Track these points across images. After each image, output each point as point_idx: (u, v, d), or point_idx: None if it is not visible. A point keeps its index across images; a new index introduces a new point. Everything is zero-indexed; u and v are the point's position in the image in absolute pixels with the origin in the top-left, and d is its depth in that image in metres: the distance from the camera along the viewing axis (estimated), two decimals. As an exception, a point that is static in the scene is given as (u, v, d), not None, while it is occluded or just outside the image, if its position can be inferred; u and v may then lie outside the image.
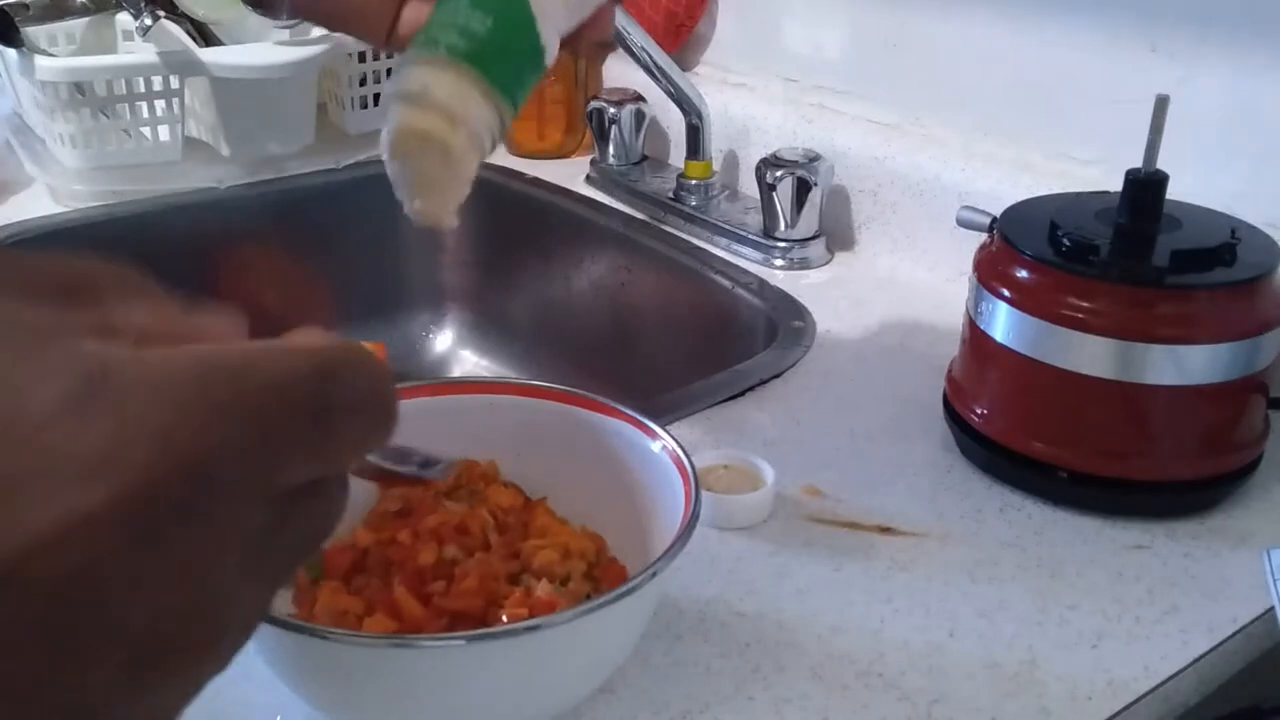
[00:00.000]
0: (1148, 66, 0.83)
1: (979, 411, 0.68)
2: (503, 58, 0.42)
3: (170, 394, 0.21)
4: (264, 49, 1.08)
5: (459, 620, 0.49)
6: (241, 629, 0.24)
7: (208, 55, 1.05)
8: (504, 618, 0.49)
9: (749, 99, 1.10)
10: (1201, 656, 0.55)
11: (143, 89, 1.05)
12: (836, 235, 1.01)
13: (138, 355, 0.22)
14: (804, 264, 0.98)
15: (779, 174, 0.96)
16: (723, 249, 1.01)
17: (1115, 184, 0.66)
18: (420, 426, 0.56)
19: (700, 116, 1.04)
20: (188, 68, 1.05)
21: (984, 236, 0.72)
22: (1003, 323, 0.66)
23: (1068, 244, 0.64)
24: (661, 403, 0.75)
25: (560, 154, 1.22)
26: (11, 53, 1.05)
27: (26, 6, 1.14)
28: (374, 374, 0.27)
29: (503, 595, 0.50)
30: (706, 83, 1.12)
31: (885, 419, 0.75)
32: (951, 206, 0.83)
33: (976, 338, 0.68)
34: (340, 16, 0.49)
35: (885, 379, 0.80)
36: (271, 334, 0.33)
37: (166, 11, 1.10)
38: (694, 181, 1.06)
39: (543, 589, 0.51)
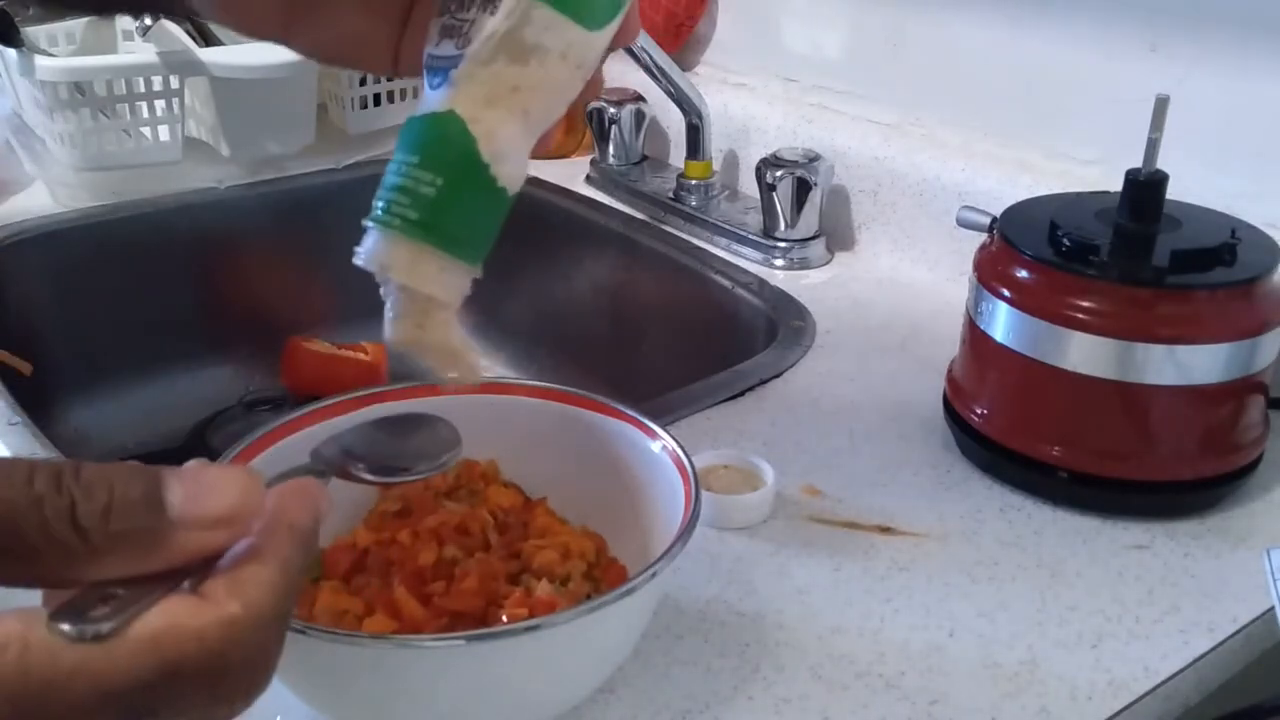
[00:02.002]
0: (1148, 66, 0.83)
1: (979, 411, 0.68)
2: (460, 218, 0.40)
3: None
4: (264, 49, 1.07)
5: (459, 620, 0.49)
6: None
7: (208, 55, 1.05)
8: (504, 618, 0.49)
9: (749, 99, 1.10)
10: (1202, 656, 0.55)
11: (143, 89, 1.05)
12: (836, 235, 1.01)
13: None
14: (804, 264, 0.98)
15: (779, 174, 0.96)
16: (723, 249, 1.01)
17: (1115, 184, 0.66)
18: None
19: (700, 116, 1.04)
20: (188, 68, 1.05)
21: (984, 236, 0.72)
22: (1003, 323, 0.66)
23: (1068, 244, 0.64)
24: (661, 403, 0.75)
25: (560, 154, 1.22)
26: (11, 53, 1.05)
27: (27, 6, 1.13)
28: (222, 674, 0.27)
29: (503, 595, 0.50)
30: (706, 83, 1.12)
31: (885, 419, 0.75)
32: (951, 206, 0.83)
33: (976, 338, 0.68)
34: (343, 56, 0.48)
35: (885, 379, 0.80)
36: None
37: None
38: (694, 181, 1.06)
39: (543, 589, 0.51)
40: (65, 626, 0.26)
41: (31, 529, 0.25)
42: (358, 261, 0.42)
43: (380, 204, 0.41)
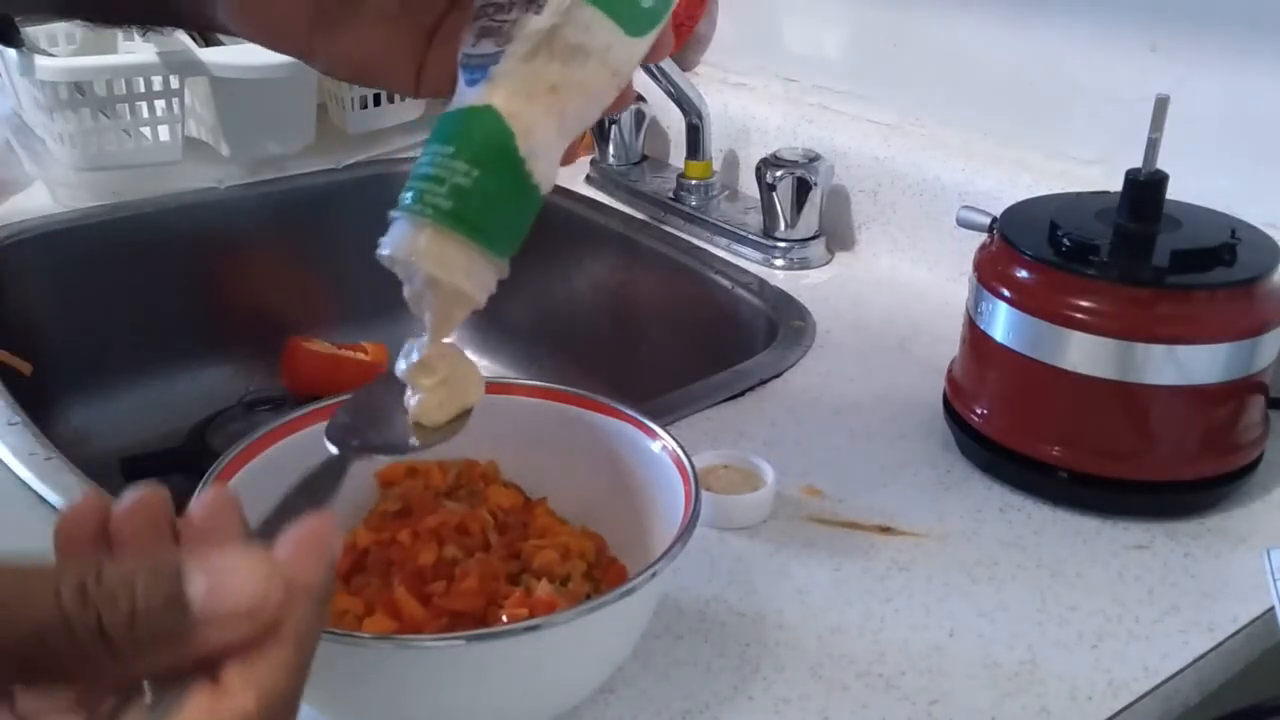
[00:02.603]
0: (1148, 66, 0.83)
1: (979, 411, 0.68)
2: (493, 210, 0.40)
3: None
4: (264, 49, 1.07)
5: (459, 620, 0.49)
6: None
7: (208, 55, 1.05)
8: (504, 618, 0.49)
9: (749, 99, 1.10)
10: (1202, 656, 0.55)
11: (143, 89, 1.05)
12: (836, 235, 1.01)
13: None
14: (804, 264, 0.98)
15: (779, 174, 0.96)
16: (723, 249, 1.01)
17: (1115, 184, 0.66)
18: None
19: (700, 116, 1.04)
20: (188, 68, 1.05)
21: (984, 236, 0.72)
22: (1003, 323, 0.66)
23: (1068, 244, 0.64)
24: (661, 403, 0.75)
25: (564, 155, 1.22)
26: (11, 53, 1.05)
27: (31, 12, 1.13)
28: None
29: (503, 595, 0.50)
30: (706, 83, 1.12)
31: (885, 419, 0.75)
32: (951, 206, 0.83)
33: (976, 338, 0.68)
34: (365, 73, 0.48)
35: (885, 379, 0.80)
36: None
37: (166, 11, 1.10)
38: (694, 181, 1.06)
39: (543, 589, 0.51)
40: None
41: (62, 647, 0.26)
42: (382, 253, 0.41)
43: (410, 193, 0.40)
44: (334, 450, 0.43)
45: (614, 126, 1.13)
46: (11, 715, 0.27)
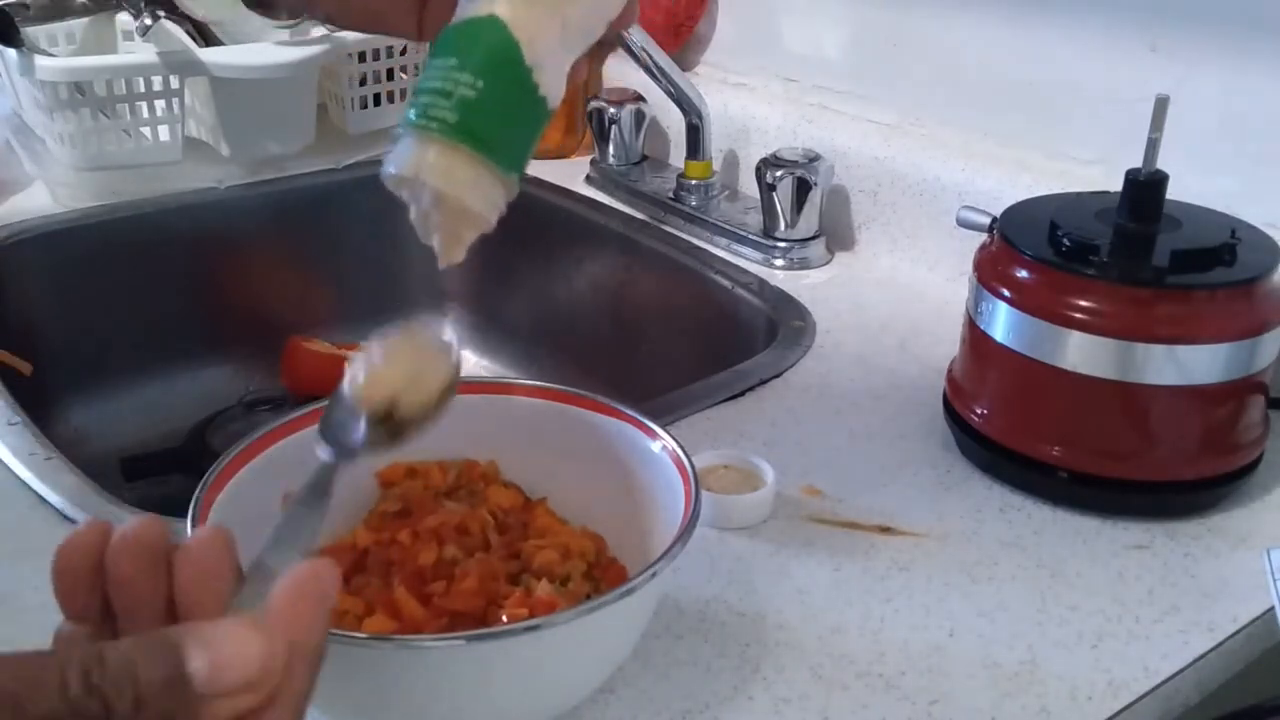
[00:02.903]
0: (1148, 67, 0.83)
1: (979, 411, 0.68)
2: (500, 122, 0.39)
3: None
4: (264, 49, 1.08)
5: (459, 620, 0.49)
6: None
7: (208, 55, 1.05)
8: (504, 618, 0.49)
9: (749, 99, 1.10)
10: (1202, 656, 0.55)
11: (143, 89, 1.05)
12: (836, 235, 1.01)
13: None
14: (804, 264, 0.98)
15: (779, 174, 0.96)
16: (723, 249, 1.01)
17: (1115, 184, 0.66)
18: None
19: (700, 116, 1.04)
20: (188, 68, 1.05)
21: (984, 236, 0.72)
22: (1003, 323, 0.66)
23: (1068, 244, 0.64)
24: (661, 403, 0.75)
25: (560, 154, 1.22)
26: (11, 53, 1.05)
27: (26, 6, 1.13)
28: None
29: (503, 595, 0.50)
30: (706, 83, 1.12)
31: (885, 419, 0.75)
32: (951, 206, 0.83)
33: (976, 338, 0.68)
34: (369, 21, 0.49)
35: (885, 379, 0.80)
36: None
37: (166, 11, 1.10)
38: (694, 181, 1.06)
39: (543, 589, 0.51)
40: None
41: None
42: (388, 170, 0.40)
43: (414, 109, 0.39)
44: (324, 457, 0.42)
45: (614, 126, 1.13)
46: None
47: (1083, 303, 0.63)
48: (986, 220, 0.74)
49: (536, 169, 1.17)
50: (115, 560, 0.32)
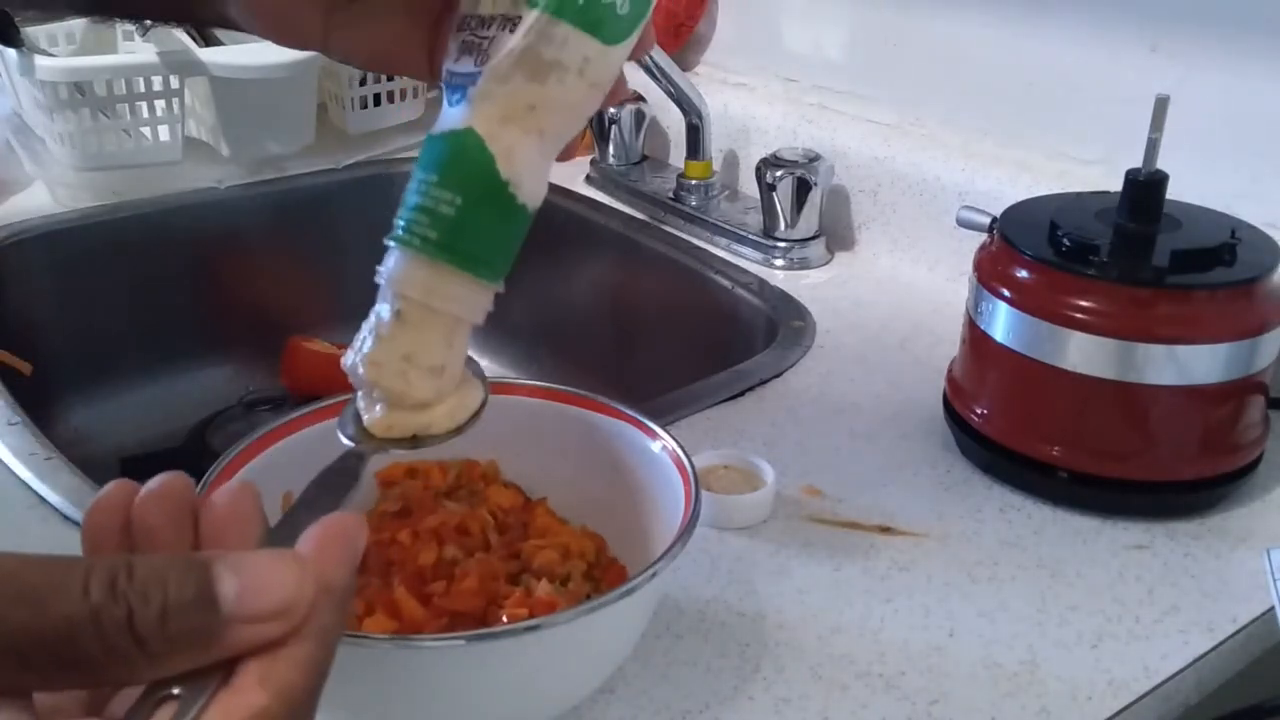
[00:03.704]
0: (1148, 66, 0.83)
1: (979, 411, 0.68)
2: (480, 237, 0.41)
3: None
4: (264, 49, 1.08)
5: (459, 620, 0.49)
6: None
7: (208, 55, 1.05)
8: (504, 618, 0.49)
9: (749, 99, 1.10)
10: (1201, 656, 0.55)
11: (143, 89, 1.05)
12: (836, 235, 1.01)
13: None
14: (804, 264, 0.98)
15: (779, 174, 0.96)
16: (723, 249, 1.01)
17: (1115, 184, 0.66)
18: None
19: (700, 116, 1.04)
20: (188, 68, 1.05)
21: (984, 236, 0.72)
22: (1003, 323, 0.66)
23: (1068, 244, 0.64)
24: (661, 403, 0.75)
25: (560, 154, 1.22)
26: (11, 53, 1.05)
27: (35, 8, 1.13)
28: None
29: (503, 595, 0.50)
30: (706, 83, 1.12)
31: (885, 419, 0.75)
32: (951, 206, 0.83)
33: (976, 338, 0.68)
34: (381, 61, 0.49)
35: (885, 379, 0.80)
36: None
37: (166, 11, 1.10)
38: (694, 181, 1.06)
39: (543, 589, 0.51)
40: None
41: (91, 642, 0.25)
42: (379, 281, 0.42)
43: (401, 223, 0.41)
44: (348, 443, 0.42)
45: (614, 126, 1.13)
46: (32, 716, 0.27)
47: (1083, 303, 0.63)
48: (986, 220, 0.74)
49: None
50: (142, 511, 0.32)
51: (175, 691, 0.27)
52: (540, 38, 0.39)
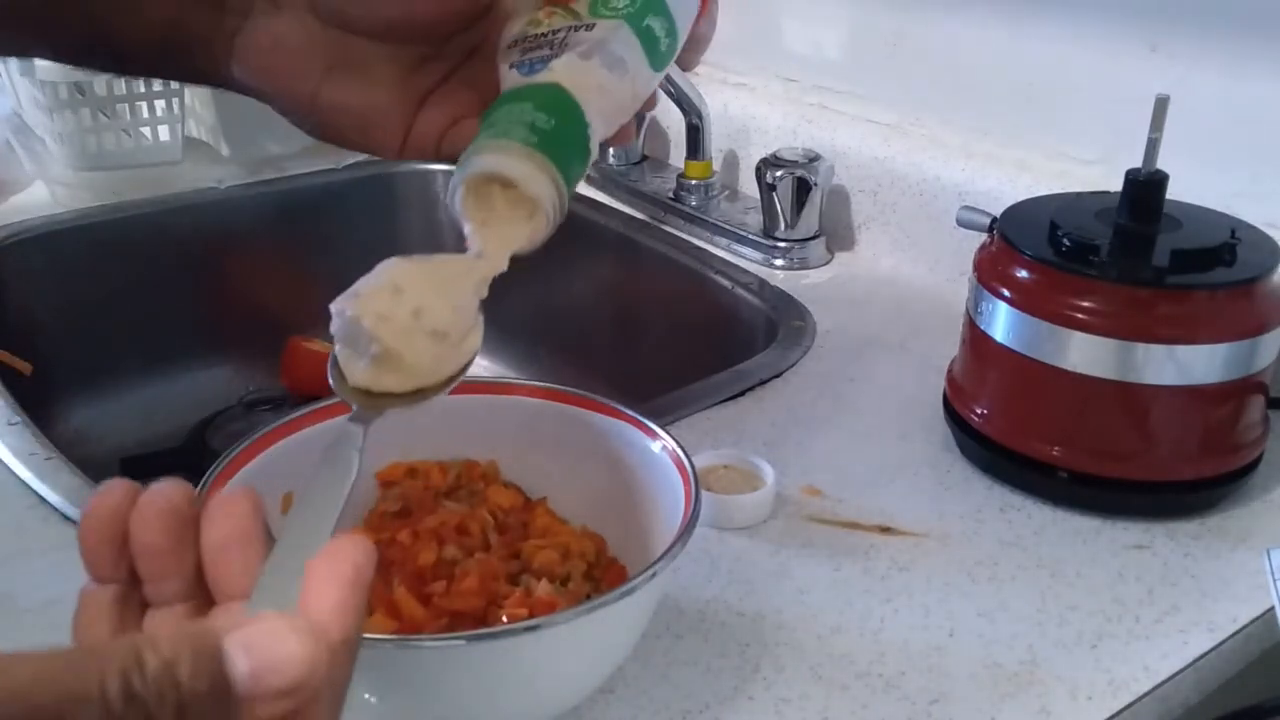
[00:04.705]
0: (1148, 66, 0.83)
1: (979, 411, 0.68)
2: (564, 151, 0.44)
3: None
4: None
5: (459, 620, 0.49)
6: None
7: (208, 55, 1.05)
8: (504, 618, 0.49)
9: (749, 99, 1.10)
10: (1201, 656, 0.55)
11: (143, 89, 1.05)
12: (836, 235, 1.01)
13: None
14: (804, 264, 0.98)
15: (779, 174, 0.96)
16: (723, 249, 1.01)
17: (1115, 184, 0.66)
18: (421, 426, 0.57)
19: (700, 116, 1.04)
20: (188, 68, 1.05)
21: (984, 236, 0.72)
22: (1003, 323, 0.66)
23: (1068, 244, 0.64)
24: (661, 403, 0.75)
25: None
26: (11, 53, 1.05)
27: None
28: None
29: (502, 595, 0.50)
30: (706, 83, 1.12)
31: (885, 419, 0.75)
32: (951, 206, 0.83)
33: (976, 338, 0.68)
34: (362, 126, 0.48)
35: (885, 379, 0.80)
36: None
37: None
38: (694, 181, 1.06)
39: (542, 589, 0.51)
40: None
41: None
42: (460, 177, 0.43)
43: (490, 130, 0.43)
44: (349, 407, 0.40)
45: (614, 126, 1.13)
46: None
47: (1083, 303, 0.63)
48: (986, 220, 0.74)
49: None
50: (140, 529, 0.32)
51: None
52: (616, 37, 0.46)
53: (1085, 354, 0.63)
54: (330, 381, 0.41)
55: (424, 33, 0.48)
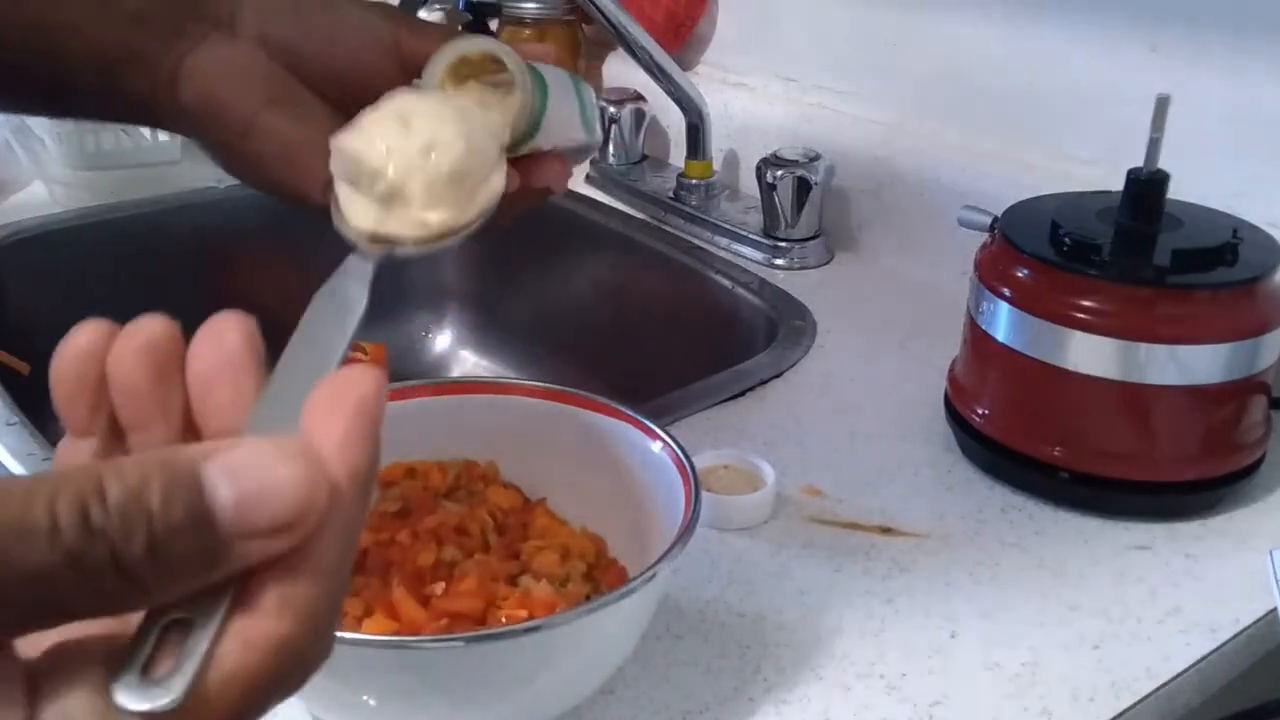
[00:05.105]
0: (1148, 66, 0.83)
1: (980, 411, 0.68)
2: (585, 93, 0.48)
3: None
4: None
5: (458, 621, 0.49)
6: None
7: (207, 55, 1.05)
8: (503, 619, 0.49)
9: (749, 99, 1.10)
10: (1204, 657, 0.55)
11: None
12: (837, 235, 1.01)
13: None
14: (804, 264, 0.98)
15: (779, 174, 0.96)
16: (723, 249, 1.01)
17: (1116, 184, 0.66)
18: (420, 426, 0.57)
19: (700, 116, 1.04)
20: (187, 67, 1.05)
21: (985, 236, 0.72)
22: (1004, 322, 0.66)
23: (1069, 244, 0.64)
24: (661, 403, 0.75)
25: (560, 154, 1.22)
26: (11, 52, 1.04)
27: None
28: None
29: (502, 596, 0.50)
30: (706, 83, 1.11)
31: (886, 419, 0.75)
32: (952, 206, 0.83)
33: (977, 337, 0.68)
34: (290, 160, 0.47)
35: (885, 379, 0.80)
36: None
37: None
38: (694, 181, 1.05)
39: (542, 590, 0.50)
40: (133, 706, 0.23)
41: (72, 589, 0.21)
42: (442, 60, 0.44)
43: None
44: (359, 252, 0.37)
45: (614, 126, 1.13)
46: (14, 662, 0.23)
47: (1084, 302, 0.62)
48: (987, 220, 0.74)
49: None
50: (119, 367, 0.28)
51: (182, 616, 0.23)
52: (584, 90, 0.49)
53: (1087, 354, 0.63)
54: (334, 222, 0.38)
55: (362, 93, 0.47)
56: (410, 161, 0.37)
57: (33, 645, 0.23)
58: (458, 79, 0.44)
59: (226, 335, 0.29)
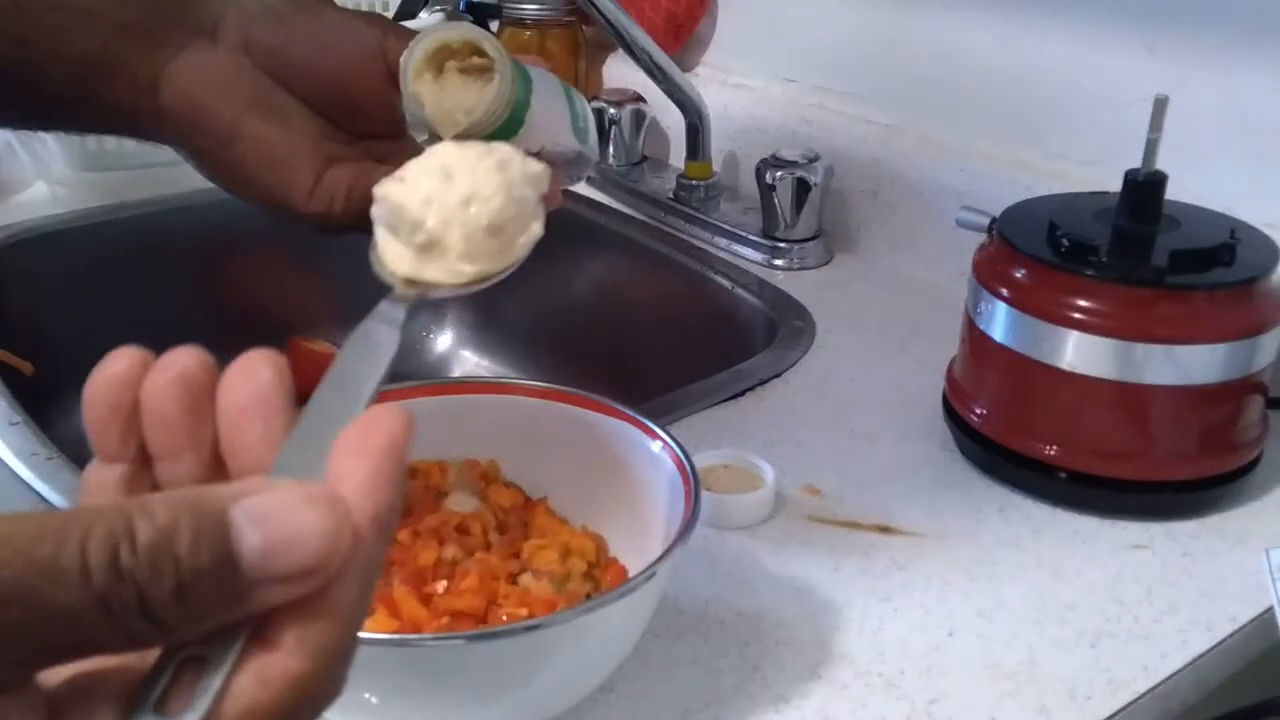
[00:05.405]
0: (1146, 67, 0.83)
1: (978, 411, 0.68)
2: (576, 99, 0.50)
3: None
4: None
5: (459, 620, 0.49)
6: None
7: (208, 55, 1.05)
8: (504, 617, 0.49)
9: (749, 99, 1.10)
10: (1200, 656, 0.55)
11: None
12: (836, 235, 1.01)
13: None
14: (804, 264, 0.98)
15: (779, 174, 0.96)
16: (723, 249, 1.01)
17: (1114, 184, 0.66)
18: (420, 426, 0.57)
19: (700, 116, 1.04)
20: (188, 68, 1.05)
21: (983, 237, 0.72)
22: (1002, 323, 0.66)
23: (1067, 244, 0.64)
24: (661, 403, 0.75)
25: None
26: (12, 53, 1.05)
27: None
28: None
29: (502, 595, 0.50)
30: (706, 83, 1.12)
31: (885, 419, 0.75)
32: (950, 207, 0.83)
33: (976, 338, 0.69)
34: (273, 165, 0.48)
35: (885, 379, 0.80)
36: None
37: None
38: (694, 181, 1.06)
39: (543, 588, 0.51)
40: None
41: (100, 631, 0.22)
42: (420, 47, 0.45)
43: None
44: (393, 293, 0.37)
45: (614, 127, 1.13)
46: (38, 693, 0.23)
47: (1082, 303, 0.63)
48: (985, 220, 0.74)
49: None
50: (152, 398, 0.28)
51: (198, 652, 0.24)
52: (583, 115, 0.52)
53: (1084, 354, 0.63)
54: (371, 263, 0.39)
55: (347, 99, 0.48)
56: (450, 214, 0.38)
57: (53, 673, 0.24)
58: (437, 67, 0.45)
59: (260, 372, 0.29)
